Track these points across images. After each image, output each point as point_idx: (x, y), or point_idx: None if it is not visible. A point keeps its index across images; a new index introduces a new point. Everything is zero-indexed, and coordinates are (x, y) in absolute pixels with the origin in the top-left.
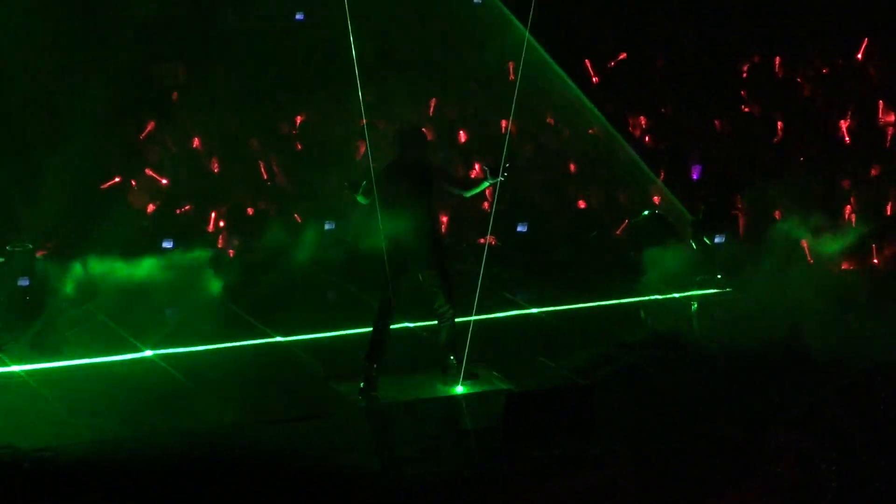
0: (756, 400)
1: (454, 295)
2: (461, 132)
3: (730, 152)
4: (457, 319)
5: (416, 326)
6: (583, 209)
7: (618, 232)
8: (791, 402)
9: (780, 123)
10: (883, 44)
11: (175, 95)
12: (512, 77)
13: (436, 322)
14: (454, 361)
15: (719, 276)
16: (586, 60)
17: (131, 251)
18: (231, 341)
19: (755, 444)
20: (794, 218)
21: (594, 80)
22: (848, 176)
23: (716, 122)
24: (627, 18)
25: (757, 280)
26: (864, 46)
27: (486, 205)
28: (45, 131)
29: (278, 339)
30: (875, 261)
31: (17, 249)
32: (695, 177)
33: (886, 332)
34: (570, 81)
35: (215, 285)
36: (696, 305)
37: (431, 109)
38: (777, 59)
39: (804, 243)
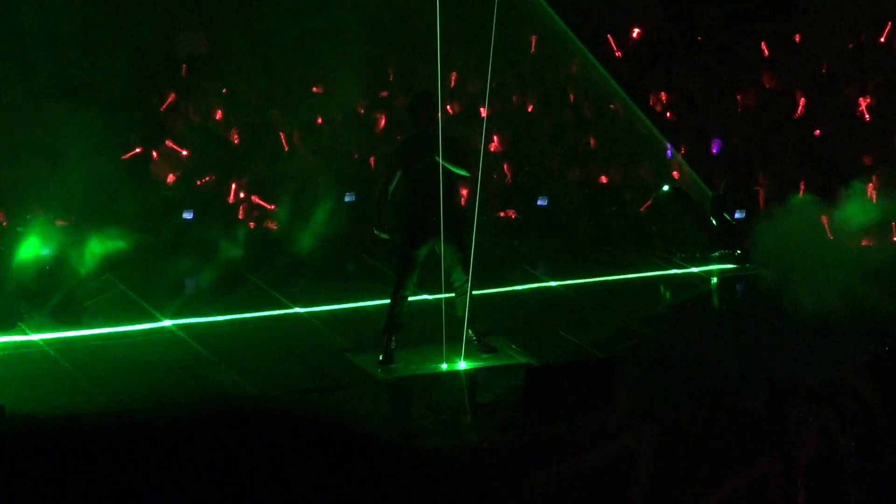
0: (776, 374)
1: (470, 268)
2: (482, 106)
3: (751, 127)
4: (476, 292)
5: (434, 299)
6: (603, 184)
7: (642, 209)
8: (812, 377)
9: (802, 100)
10: None
11: (196, 66)
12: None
13: (453, 295)
14: (472, 334)
15: (739, 252)
16: (608, 35)
17: (152, 222)
18: (250, 312)
19: (775, 419)
20: (815, 193)
21: (617, 54)
22: (869, 153)
23: (737, 97)
24: None
25: (776, 255)
26: (887, 30)
27: (507, 179)
28: (66, 101)
29: (297, 310)
30: (895, 238)
31: (37, 219)
32: (714, 151)
33: None
34: (591, 56)
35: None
36: (715, 280)
37: (453, 82)
38: (797, 36)
39: (824, 219)
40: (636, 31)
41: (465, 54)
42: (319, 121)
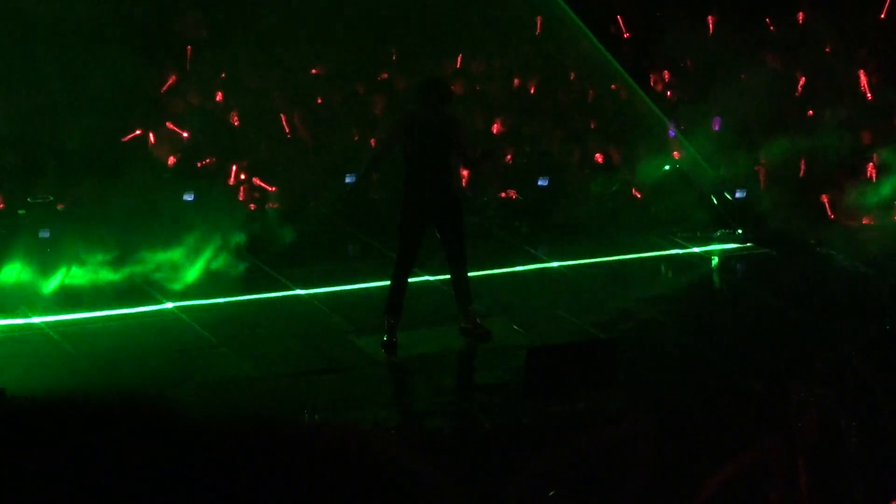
0: (778, 355)
1: (466, 248)
2: (486, 87)
3: (751, 106)
4: (477, 273)
5: (435, 280)
6: (604, 164)
7: (636, 192)
8: (813, 358)
9: (802, 79)
10: None
11: (196, 48)
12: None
13: (449, 276)
14: (472, 315)
15: (740, 231)
16: (618, 17)
17: (152, 204)
18: (251, 294)
19: (777, 400)
20: (814, 172)
21: (625, 35)
22: (869, 131)
23: (741, 76)
24: None
25: (777, 235)
26: (887, 5)
27: (508, 157)
28: (66, 84)
29: (299, 292)
30: None
31: (37, 201)
32: (716, 128)
33: None
34: (592, 36)
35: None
36: (716, 260)
37: (459, 62)
38: (800, 14)
39: (825, 198)
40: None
41: (466, 35)
42: (319, 100)
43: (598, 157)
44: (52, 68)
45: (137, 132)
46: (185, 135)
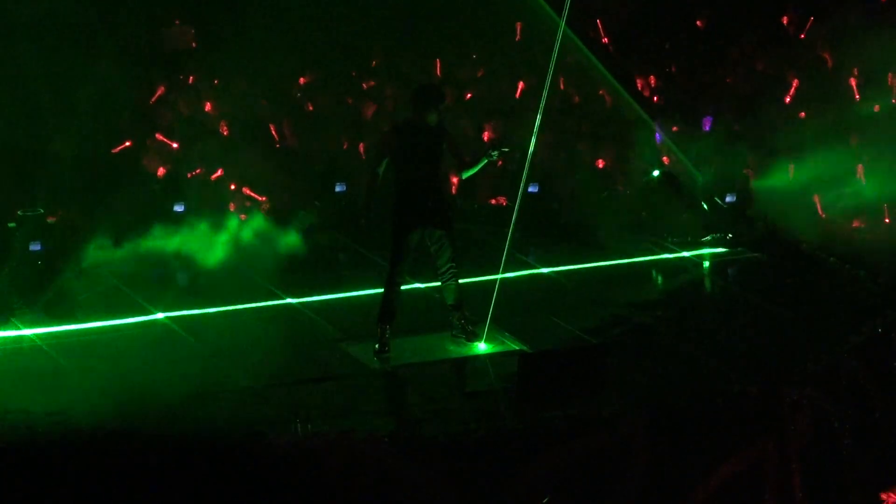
0: (770, 358)
1: (458, 255)
2: (470, 93)
3: (741, 110)
4: (467, 280)
5: (426, 287)
6: (593, 169)
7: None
8: (805, 360)
9: (795, 81)
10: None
11: (185, 59)
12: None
13: (440, 283)
14: (457, 321)
15: (730, 235)
16: (598, 21)
17: (143, 215)
18: (242, 303)
19: (770, 402)
20: (805, 176)
21: (604, 40)
22: (857, 133)
23: (727, 79)
24: None
25: (768, 238)
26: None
27: (500, 162)
28: (55, 96)
29: (290, 301)
30: (886, 220)
31: (28, 214)
32: (706, 128)
33: None
34: (579, 42)
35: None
36: (707, 264)
37: (438, 69)
38: (785, 18)
39: (815, 200)
40: (629, 16)
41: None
42: (310, 107)
43: (591, 163)
44: (42, 82)
45: (127, 144)
46: (174, 145)
